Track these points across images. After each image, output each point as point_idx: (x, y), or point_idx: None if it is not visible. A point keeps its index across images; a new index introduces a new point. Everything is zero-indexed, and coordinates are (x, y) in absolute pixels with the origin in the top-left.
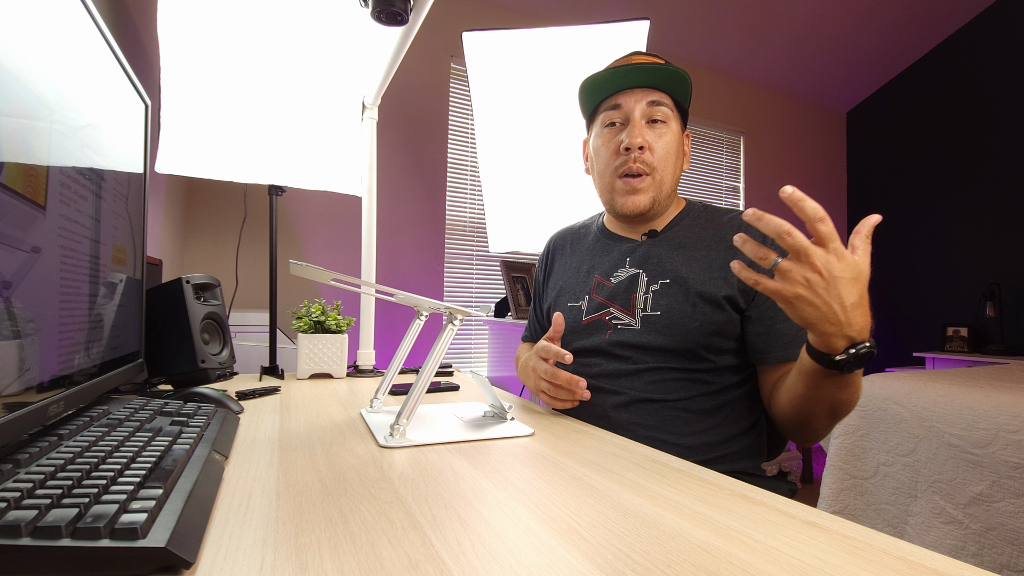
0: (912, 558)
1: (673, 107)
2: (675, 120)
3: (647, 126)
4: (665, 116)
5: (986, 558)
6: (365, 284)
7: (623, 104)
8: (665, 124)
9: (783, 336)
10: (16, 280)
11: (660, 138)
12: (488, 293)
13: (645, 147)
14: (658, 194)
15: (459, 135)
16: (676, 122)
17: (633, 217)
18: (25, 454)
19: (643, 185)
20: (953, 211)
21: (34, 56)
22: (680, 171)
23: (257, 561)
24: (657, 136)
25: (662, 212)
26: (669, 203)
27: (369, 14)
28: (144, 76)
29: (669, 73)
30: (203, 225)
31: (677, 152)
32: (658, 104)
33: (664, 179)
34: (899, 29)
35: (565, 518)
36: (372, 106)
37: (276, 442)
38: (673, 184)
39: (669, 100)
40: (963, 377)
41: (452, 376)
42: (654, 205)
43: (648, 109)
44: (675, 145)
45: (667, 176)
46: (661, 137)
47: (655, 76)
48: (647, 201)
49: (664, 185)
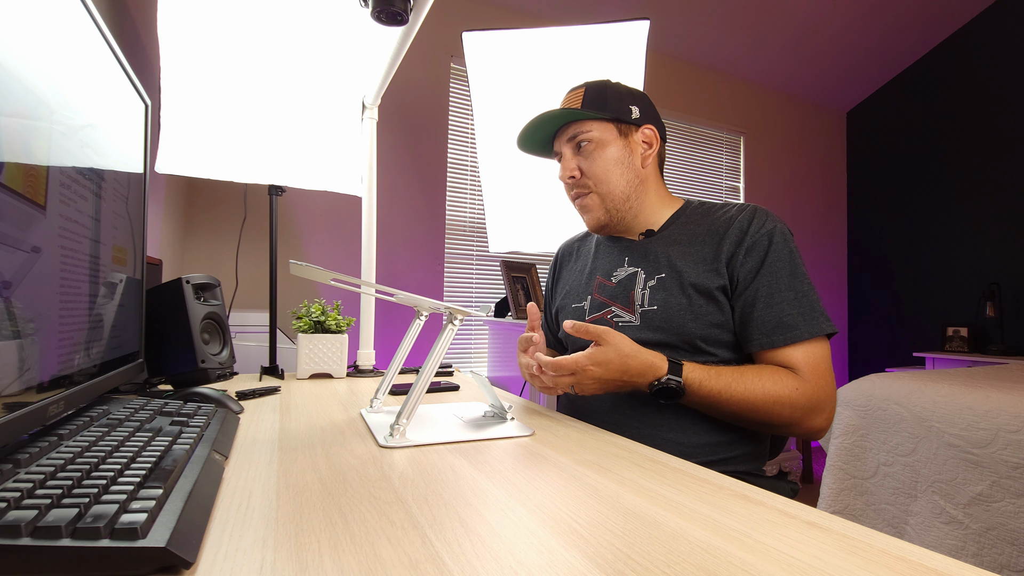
0: (912, 558)
1: (598, 122)
2: (606, 130)
3: (578, 155)
4: (587, 138)
5: (986, 558)
6: (365, 284)
7: (556, 147)
8: (590, 145)
9: (763, 324)
10: (16, 280)
11: (588, 158)
12: (488, 293)
13: (577, 175)
14: (609, 203)
15: (459, 135)
16: (609, 132)
17: (598, 230)
18: (25, 454)
19: (589, 203)
20: (953, 211)
21: (34, 56)
22: (635, 169)
23: (257, 561)
24: (585, 157)
25: (632, 215)
26: (635, 204)
27: (369, 14)
28: (144, 76)
29: (561, 114)
30: (203, 225)
31: (617, 160)
32: (575, 135)
33: (609, 190)
34: (899, 29)
35: (565, 518)
36: (372, 106)
37: (276, 442)
38: (626, 187)
39: (592, 123)
40: (963, 377)
41: (452, 376)
42: (610, 214)
43: (571, 143)
44: (613, 156)
45: (612, 187)
46: (589, 157)
47: (558, 120)
48: (600, 215)
49: (612, 195)
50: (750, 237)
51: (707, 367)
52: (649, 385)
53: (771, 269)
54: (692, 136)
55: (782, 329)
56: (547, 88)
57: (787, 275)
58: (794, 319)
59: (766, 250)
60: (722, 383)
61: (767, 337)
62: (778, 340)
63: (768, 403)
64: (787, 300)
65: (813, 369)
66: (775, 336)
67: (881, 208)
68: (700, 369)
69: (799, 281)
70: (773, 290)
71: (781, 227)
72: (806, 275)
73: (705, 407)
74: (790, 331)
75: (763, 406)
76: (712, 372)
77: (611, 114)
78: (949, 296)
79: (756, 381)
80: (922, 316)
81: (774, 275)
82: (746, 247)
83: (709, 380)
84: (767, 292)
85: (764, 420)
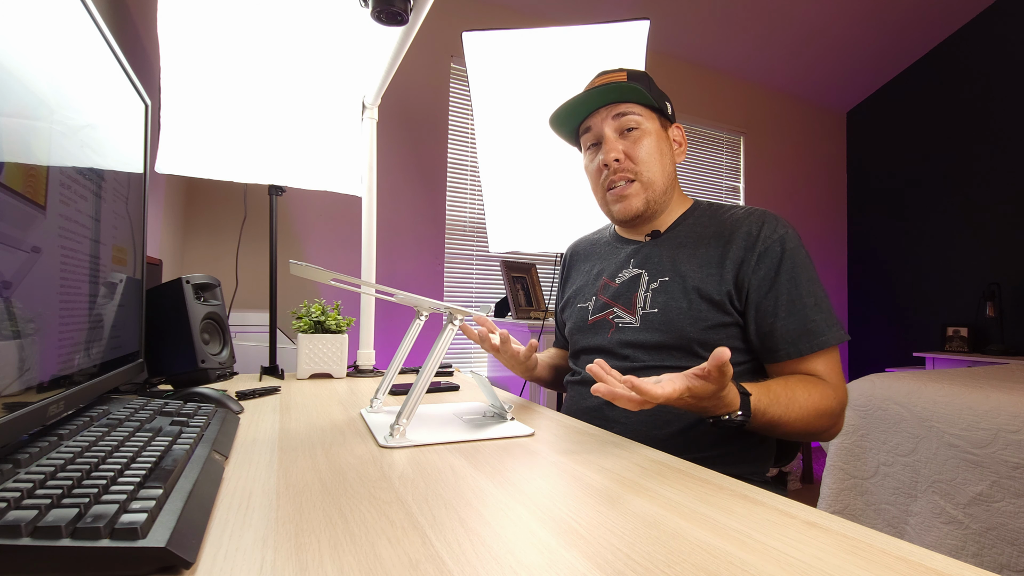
0: (912, 558)
1: (645, 109)
2: (651, 119)
3: (621, 137)
4: (636, 122)
5: (986, 558)
6: (365, 284)
7: (593, 126)
8: (638, 129)
9: (787, 334)
10: (16, 280)
11: (636, 143)
12: (488, 293)
13: (622, 158)
14: (650, 194)
15: (459, 135)
16: (653, 121)
17: (630, 220)
18: (25, 454)
19: (631, 191)
20: (953, 211)
21: (34, 56)
22: (672, 164)
23: (257, 561)
24: (633, 142)
25: (662, 209)
26: (667, 199)
27: (369, 14)
28: (144, 76)
29: (623, 87)
30: (203, 225)
31: (661, 149)
32: (624, 114)
33: (652, 178)
34: (899, 29)
35: (565, 518)
36: (372, 106)
37: (276, 442)
38: (665, 180)
39: (637, 106)
40: (963, 377)
41: (452, 376)
42: (648, 205)
43: (615, 122)
44: (656, 144)
45: (655, 175)
46: (637, 142)
47: (610, 94)
48: (639, 203)
49: (654, 184)
50: (762, 243)
51: (767, 390)
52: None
53: (788, 276)
54: (692, 136)
55: (808, 336)
56: (547, 88)
57: (805, 280)
58: (818, 325)
59: (779, 257)
60: (780, 408)
61: (794, 346)
62: (805, 348)
63: (819, 417)
64: (808, 306)
65: (836, 375)
66: (802, 344)
67: (881, 208)
68: (763, 396)
69: (816, 286)
70: (794, 297)
71: (792, 232)
72: (819, 280)
73: (761, 429)
74: (816, 337)
75: (815, 421)
76: (771, 397)
77: (659, 103)
78: (949, 296)
79: (805, 398)
80: (922, 316)
81: (793, 282)
82: (758, 253)
83: (771, 408)
84: (788, 300)
85: (808, 432)
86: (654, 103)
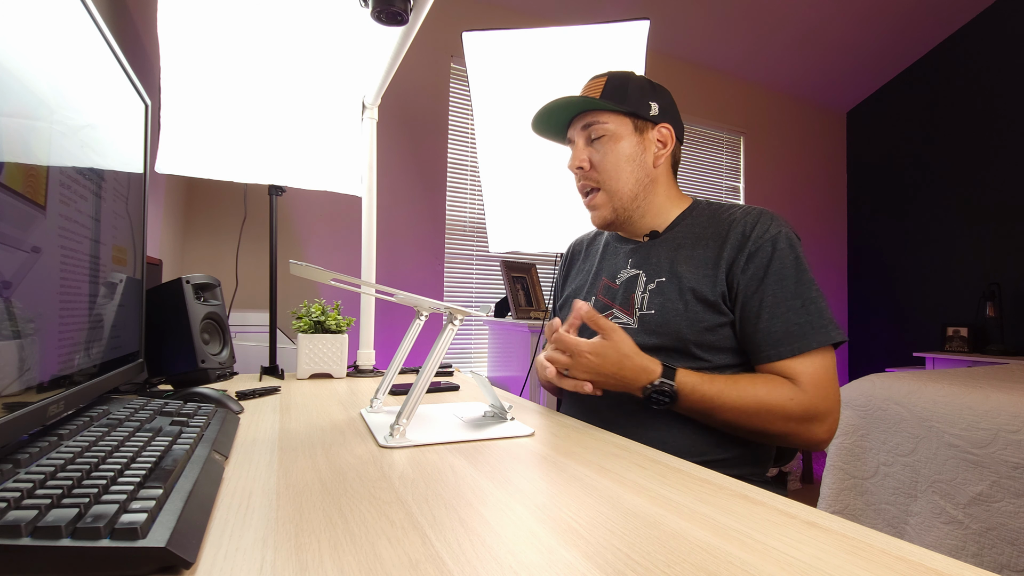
0: (912, 558)
1: (614, 115)
2: (622, 124)
3: (589, 146)
4: (602, 130)
5: (986, 558)
6: (365, 284)
7: (569, 134)
8: (604, 138)
9: (770, 335)
10: (16, 280)
11: (599, 152)
12: (488, 293)
13: (585, 167)
14: (617, 202)
15: (459, 135)
16: (625, 126)
17: (605, 227)
18: (25, 454)
19: (596, 201)
20: (953, 211)
21: (34, 56)
22: (648, 168)
23: (257, 561)
24: (597, 151)
25: (638, 215)
26: (639, 204)
27: (369, 14)
28: (144, 76)
29: (583, 102)
30: (203, 225)
31: (630, 155)
32: (591, 124)
33: (617, 187)
34: (899, 29)
35: (565, 518)
36: (372, 106)
37: (276, 442)
38: (634, 187)
39: (605, 113)
40: (963, 377)
41: (452, 376)
42: (617, 213)
43: (585, 132)
44: (624, 152)
45: (619, 184)
46: (600, 152)
47: (576, 107)
48: (608, 212)
49: (619, 192)
50: (752, 243)
51: (701, 373)
52: (642, 389)
53: (776, 277)
54: (692, 136)
55: (789, 339)
56: (547, 88)
57: (793, 282)
58: (802, 328)
59: (769, 257)
60: (715, 389)
61: (774, 348)
62: (785, 351)
63: (761, 411)
64: (794, 309)
65: (813, 379)
66: (783, 346)
67: (881, 208)
68: (694, 375)
69: (806, 288)
70: (779, 299)
71: (787, 232)
72: (813, 281)
73: (698, 413)
74: (798, 341)
75: (756, 414)
76: (706, 378)
77: (629, 108)
78: (949, 296)
79: (749, 388)
80: (922, 316)
81: (779, 283)
82: (747, 253)
83: (702, 385)
84: (772, 301)
85: (758, 428)
86: (621, 109)
